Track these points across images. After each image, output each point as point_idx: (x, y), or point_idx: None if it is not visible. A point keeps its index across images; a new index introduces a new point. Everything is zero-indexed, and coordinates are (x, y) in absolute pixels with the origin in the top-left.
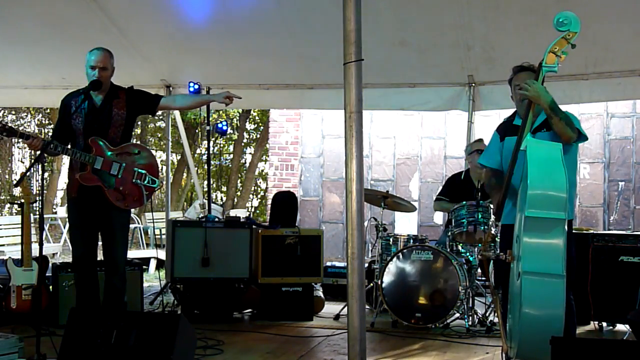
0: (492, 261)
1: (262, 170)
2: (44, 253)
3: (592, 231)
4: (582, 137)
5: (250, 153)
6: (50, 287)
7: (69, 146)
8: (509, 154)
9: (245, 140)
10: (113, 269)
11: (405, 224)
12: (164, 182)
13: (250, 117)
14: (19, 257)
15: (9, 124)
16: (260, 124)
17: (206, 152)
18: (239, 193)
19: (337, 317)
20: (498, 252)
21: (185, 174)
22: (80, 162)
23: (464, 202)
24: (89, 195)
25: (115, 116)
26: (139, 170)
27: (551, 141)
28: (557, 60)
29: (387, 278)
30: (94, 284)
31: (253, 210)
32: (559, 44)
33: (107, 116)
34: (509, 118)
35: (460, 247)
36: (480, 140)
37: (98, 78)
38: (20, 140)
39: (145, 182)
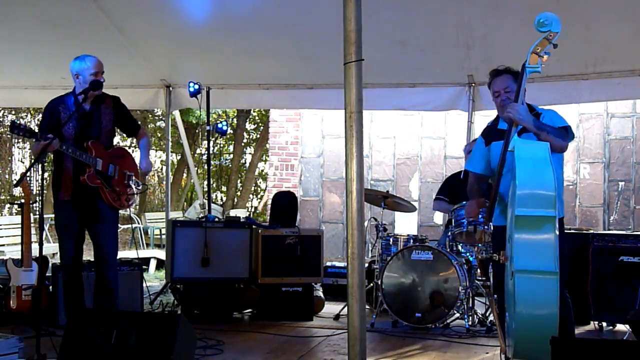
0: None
1: (262, 170)
2: (44, 253)
3: (592, 231)
4: (571, 135)
5: (250, 153)
6: (50, 287)
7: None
8: (496, 158)
9: (245, 140)
10: (103, 261)
11: (405, 224)
12: (164, 182)
13: (250, 117)
14: (19, 257)
15: (29, 125)
16: (260, 124)
17: (206, 152)
18: (239, 193)
19: (337, 317)
20: (490, 252)
21: (185, 174)
22: (76, 165)
23: (464, 202)
24: (82, 197)
25: (104, 121)
26: (128, 173)
27: (538, 141)
28: (539, 60)
29: (387, 278)
30: (81, 285)
31: (253, 210)
32: (541, 44)
33: (98, 121)
34: (493, 122)
35: (460, 247)
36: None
37: (99, 85)
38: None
39: (133, 184)
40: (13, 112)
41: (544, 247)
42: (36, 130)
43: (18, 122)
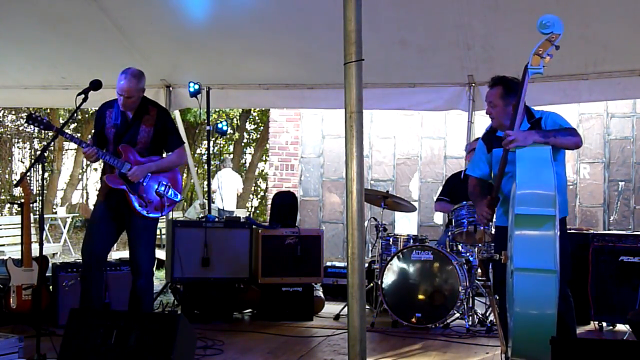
0: (491, 263)
1: (262, 170)
2: (44, 253)
3: (592, 231)
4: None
5: (250, 153)
6: (50, 287)
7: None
8: (497, 165)
9: (245, 140)
10: (136, 270)
11: (405, 224)
12: None
13: (250, 117)
14: (19, 257)
15: (69, 131)
16: (260, 124)
17: (206, 152)
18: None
19: (337, 317)
20: (492, 252)
21: (185, 174)
22: (109, 168)
23: (464, 202)
24: (115, 200)
25: (142, 132)
26: (164, 182)
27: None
28: (542, 62)
29: (387, 278)
30: (98, 280)
31: (253, 210)
32: (543, 46)
33: (135, 132)
34: (492, 128)
35: (460, 247)
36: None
37: (121, 105)
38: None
39: (168, 194)
40: (13, 112)
41: (544, 245)
42: (52, 125)
43: (35, 114)
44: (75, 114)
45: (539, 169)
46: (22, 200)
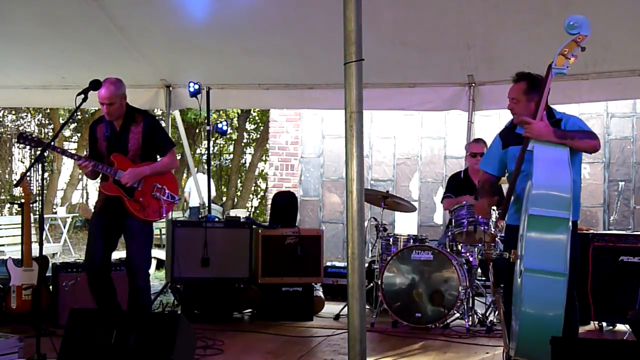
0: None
1: (262, 170)
2: (44, 253)
3: (592, 231)
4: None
5: (250, 153)
6: (50, 287)
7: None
8: (513, 162)
9: (245, 140)
10: (132, 272)
11: (405, 224)
12: None
13: (250, 117)
14: (19, 257)
15: (65, 149)
16: (260, 124)
17: (206, 152)
18: (239, 193)
19: (337, 317)
20: (500, 251)
21: (185, 174)
22: (105, 179)
23: (464, 202)
24: (112, 208)
25: (131, 140)
26: (158, 185)
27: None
28: (566, 62)
29: (387, 278)
30: (104, 286)
31: (253, 210)
32: (569, 46)
33: (125, 140)
34: (512, 124)
35: (460, 247)
36: (478, 139)
37: (106, 114)
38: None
39: (165, 197)
40: (13, 112)
41: (555, 248)
42: (43, 140)
43: (25, 133)
44: (75, 114)
45: (556, 170)
46: (22, 200)
